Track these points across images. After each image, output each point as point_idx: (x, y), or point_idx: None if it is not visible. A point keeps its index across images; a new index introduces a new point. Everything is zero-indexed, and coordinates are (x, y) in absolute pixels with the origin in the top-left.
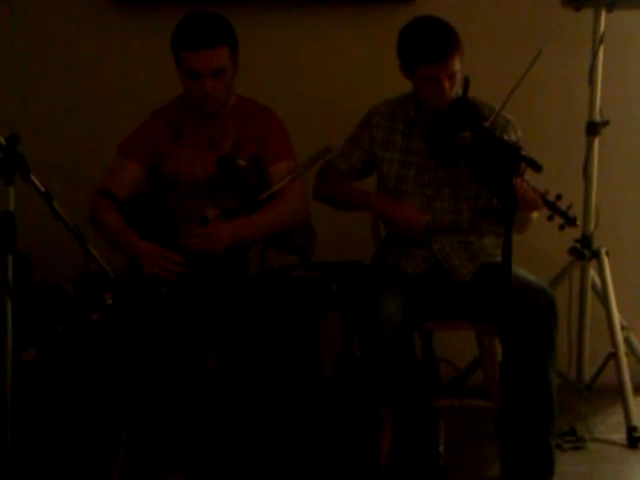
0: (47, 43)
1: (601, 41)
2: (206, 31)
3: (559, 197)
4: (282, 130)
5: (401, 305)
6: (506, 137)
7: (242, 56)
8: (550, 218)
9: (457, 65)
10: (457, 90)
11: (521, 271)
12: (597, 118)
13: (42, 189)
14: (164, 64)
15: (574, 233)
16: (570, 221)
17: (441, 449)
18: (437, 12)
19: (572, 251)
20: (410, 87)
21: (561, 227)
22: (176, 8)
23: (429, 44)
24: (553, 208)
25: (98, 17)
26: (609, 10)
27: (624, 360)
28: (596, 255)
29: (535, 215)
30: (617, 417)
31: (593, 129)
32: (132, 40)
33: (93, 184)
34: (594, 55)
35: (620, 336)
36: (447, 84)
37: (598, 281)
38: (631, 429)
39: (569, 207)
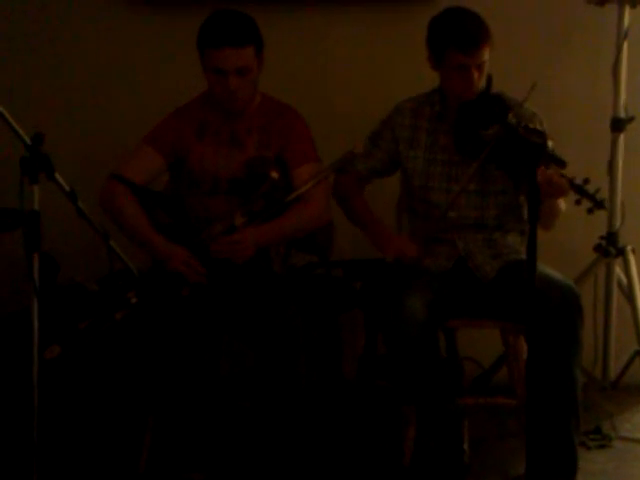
0: (64, 42)
1: (625, 36)
2: (232, 29)
3: (586, 181)
4: (306, 132)
5: (425, 302)
6: (532, 126)
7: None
8: (578, 202)
9: (486, 56)
10: (483, 84)
11: (546, 268)
12: (622, 114)
13: (67, 188)
14: (185, 62)
15: (599, 230)
16: (599, 204)
17: (465, 446)
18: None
19: (597, 248)
20: (431, 84)
21: (590, 211)
22: (194, 6)
23: (461, 32)
24: (581, 191)
25: (117, 15)
26: (633, 5)
27: None
28: (622, 252)
29: (563, 207)
30: None
31: (618, 125)
32: (149, 39)
33: None
34: (618, 50)
35: None
36: (476, 74)
37: (624, 278)
38: None
39: (597, 190)
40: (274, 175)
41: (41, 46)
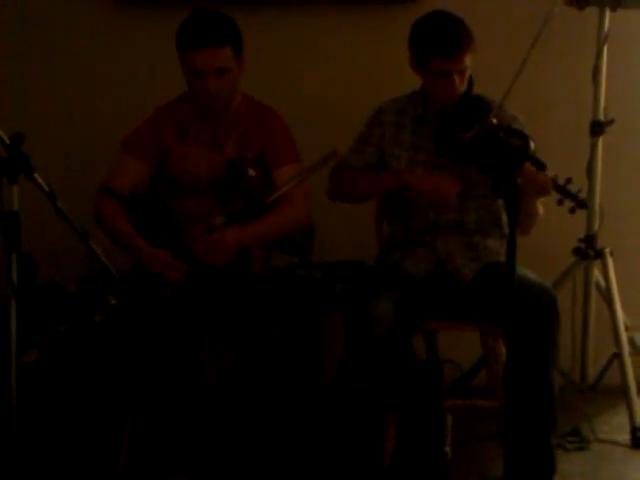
0: (50, 42)
1: (605, 40)
2: (209, 30)
3: (569, 180)
4: (287, 133)
5: (395, 305)
6: (514, 127)
7: (246, 56)
8: (560, 202)
9: (468, 61)
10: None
11: (523, 269)
12: (601, 117)
13: (46, 188)
14: (168, 63)
15: (578, 233)
16: (581, 203)
17: (447, 449)
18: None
19: (576, 251)
20: (416, 86)
21: (572, 210)
22: (180, 7)
23: (443, 38)
24: (563, 191)
25: (101, 16)
26: (613, 9)
27: (628, 360)
28: (600, 255)
29: (540, 211)
30: (621, 418)
31: (597, 128)
32: (136, 39)
33: (97, 183)
34: (598, 54)
35: (624, 336)
36: (457, 79)
37: (602, 281)
38: (635, 430)
39: (578, 190)
40: (251, 173)
41: (25, 45)
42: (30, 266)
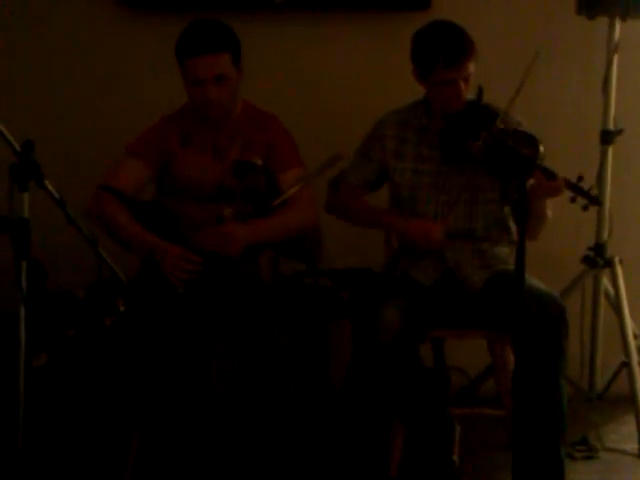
0: (54, 49)
1: (615, 49)
2: (206, 37)
3: (580, 178)
4: (289, 138)
5: (403, 313)
6: (521, 129)
7: (251, 64)
8: (573, 200)
9: (472, 68)
10: (470, 97)
11: (532, 279)
12: (611, 127)
13: (56, 195)
14: (168, 64)
15: (587, 241)
16: (593, 200)
17: (455, 458)
18: (450, 20)
19: (585, 259)
20: (422, 94)
21: (585, 208)
22: (182, 14)
23: (445, 47)
24: (575, 189)
25: (102, 18)
26: (623, 19)
27: (637, 369)
28: (609, 264)
29: (549, 214)
30: (629, 427)
31: (607, 138)
32: (136, 40)
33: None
34: (608, 64)
35: (633, 345)
36: (463, 86)
37: (611, 290)
38: None
39: (590, 188)
40: (259, 162)
41: (25, 46)
42: (39, 272)
